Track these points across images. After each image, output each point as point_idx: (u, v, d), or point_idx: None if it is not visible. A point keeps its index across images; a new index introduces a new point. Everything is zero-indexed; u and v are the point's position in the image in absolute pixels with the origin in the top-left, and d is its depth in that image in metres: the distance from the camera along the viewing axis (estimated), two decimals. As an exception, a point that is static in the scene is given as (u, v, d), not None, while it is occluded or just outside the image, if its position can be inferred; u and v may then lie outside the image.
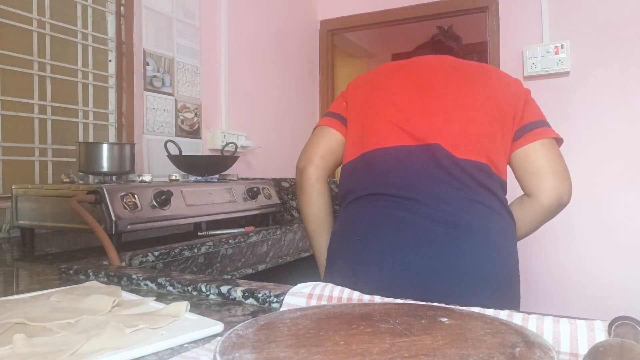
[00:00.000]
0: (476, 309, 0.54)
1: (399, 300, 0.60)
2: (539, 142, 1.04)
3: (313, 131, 1.20)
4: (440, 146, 0.99)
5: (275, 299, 0.66)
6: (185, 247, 1.21)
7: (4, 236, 1.39)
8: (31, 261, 1.08)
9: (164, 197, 1.24)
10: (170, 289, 0.75)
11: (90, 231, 1.06)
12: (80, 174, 1.39)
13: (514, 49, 2.44)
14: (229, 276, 1.34)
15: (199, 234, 1.44)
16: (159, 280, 0.76)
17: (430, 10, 2.68)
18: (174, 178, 1.57)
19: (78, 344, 0.45)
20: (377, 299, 0.61)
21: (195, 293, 0.73)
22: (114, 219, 1.12)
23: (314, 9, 3.01)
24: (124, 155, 1.36)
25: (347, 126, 1.14)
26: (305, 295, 0.62)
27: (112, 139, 1.78)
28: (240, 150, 2.22)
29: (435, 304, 0.58)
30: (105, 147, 1.34)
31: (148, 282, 0.77)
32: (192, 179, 1.62)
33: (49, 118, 1.58)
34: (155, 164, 1.87)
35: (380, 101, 1.09)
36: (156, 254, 1.12)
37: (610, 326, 0.47)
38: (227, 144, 2.04)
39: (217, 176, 1.71)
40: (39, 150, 1.55)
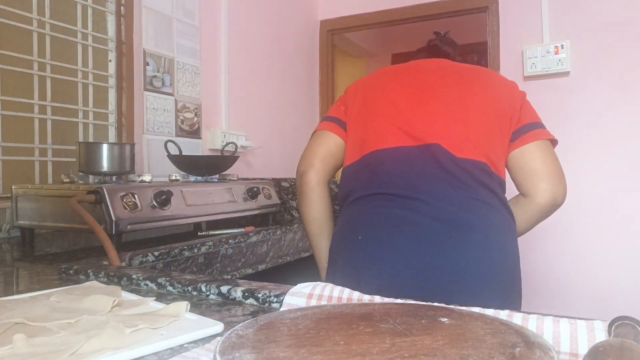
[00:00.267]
0: (476, 309, 0.54)
1: (399, 300, 0.60)
2: (535, 144, 1.05)
3: (312, 135, 1.21)
4: (440, 146, 1.00)
5: (275, 299, 0.66)
6: (185, 247, 1.21)
7: (4, 236, 1.39)
8: (31, 261, 1.08)
9: (164, 197, 1.24)
10: (170, 289, 0.75)
11: (90, 231, 1.06)
12: (80, 174, 1.39)
13: (514, 49, 2.44)
14: (229, 276, 1.34)
15: (199, 234, 1.44)
16: (159, 280, 0.76)
17: (430, 10, 2.68)
18: (174, 178, 1.57)
19: (78, 344, 0.45)
20: (377, 299, 0.61)
21: (195, 293, 0.73)
22: (114, 219, 1.12)
23: (314, 9, 3.01)
24: (124, 155, 1.36)
25: (347, 129, 1.15)
26: (305, 295, 0.62)
27: (112, 139, 1.78)
28: (240, 150, 2.21)
29: (435, 304, 0.58)
30: (105, 147, 1.34)
31: (148, 282, 0.77)
32: (192, 179, 1.62)
33: (49, 118, 1.58)
34: (155, 164, 1.87)
35: (380, 103, 1.09)
36: (156, 254, 1.12)
37: (610, 326, 0.47)
38: (227, 144, 2.04)
39: (217, 176, 1.71)
40: (39, 150, 1.55)
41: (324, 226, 1.18)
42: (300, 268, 1.70)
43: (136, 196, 1.20)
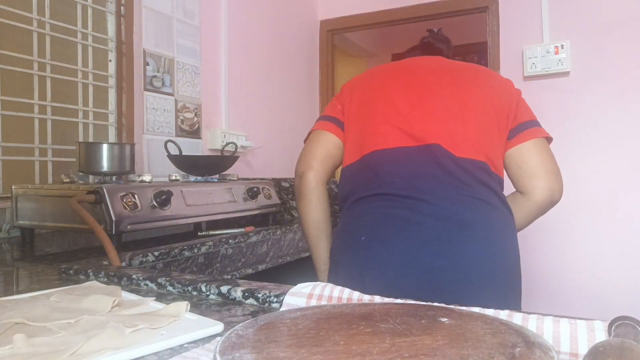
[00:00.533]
0: (476, 309, 0.54)
1: (399, 300, 0.60)
2: (532, 142, 1.07)
3: (309, 135, 1.20)
4: (439, 146, 1.00)
5: (275, 299, 0.66)
6: (185, 247, 1.21)
7: (4, 236, 1.39)
8: (31, 261, 1.08)
9: (164, 197, 1.24)
10: (170, 289, 0.75)
11: (90, 231, 1.06)
12: (80, 174, 1.39)
13: (514, 49, 2.44)
14: (229, 276, 1.34)
15: (199, 234, 1.44)
16: (159, 280, 0.76)
17: (430, 10, 2.68)
18: (174, 178, 1.57)
19: (78, 344, 0.45)
20: (377, 299, 0.61)
21: (195, 293, 0.73)
22: (114, 219, 1.12)
23: (314, 9, 3.01)
24: (124, 155, 1.36)
25: (345, 129, 1.15)
26: (305, 295, 0.62)
27: (112, 139, 1.78)
28: (240, 150, 2.21)
29: (435, 304, 0.58)
30: (105, 147, 1.34)
31: (148, 282, 0.77)
32: (192, 179, 1.62)
33: (49, 118, 1.58)
34: (155, 164, 1.87)
35: (378, 102, 1.09)
36: (156, 254, 1.12)
37: (610, 326, 0.47)
38: (227, 144, 2.04)
39: (217, 176, 1.71)
40: (39, 150, 1.55)
41: (323, 228, 1.18)
42: (300, 268, 1.70)
43: (136, 196, 1.20)
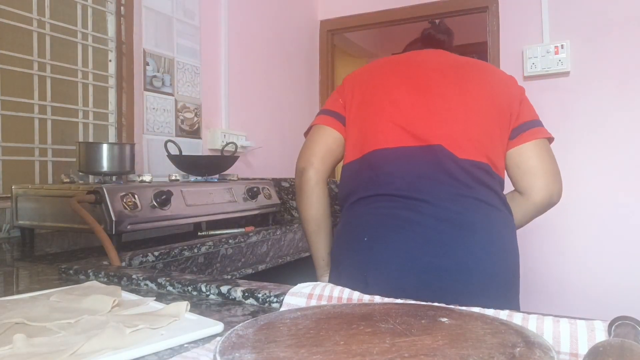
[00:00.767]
0: (476, 309, 0.54)
1: (399, 300, 0.60)
2: (533, 143, 1.07)
3: (309, 130, 1.19)
4: (442, 147, 1.00)
5: (275, 299, 0.66)
6: (185, 247, 1.21)
7: (4, 236, 1.39)
8: (31, 261, 1.08)
9: (164, 197, 1.24)
10: (170, 289, 0.75)
11: (90, 231, 1.06)
12: (80, 174, 1.39)
13: (514, 49, 2.44)
14: (229, 276, 1.34)
15: (199, 234, 1.44)
16: (159, 280, 0.76)
17: (430, 10, 2.68)
18: (174, 178, 1.57)
19: (78, 344, 0.45)
20: (377, 299, 0.61)
21: (195, 293, 0.73)
22: (114, 219, 1.12)
23: (314, 9, 3.00)
24: (124, 155, 1.36)
25: (347, 125, 1.14)
26: (305, 295, 0.62)
27: (112, 139, 1.78)
28: (240, 150, 2.21)
29: (435, 304, 0.58)
30: (105, 147, 1.34)
31: (148, 282, 0.77)
32: (192, 179, 1.62)
33: (49, 118, 1.58)
34: (155, 164, 1.87)
35: (379, 100, 1.09)
36: (156, 254, 1.12)
37: (610, 326, 0.47)
38: (227, 144, 2.04)
39: (217, 176, 1.71)
40: (39, 150, 1.55)
41: (322, 225, 1.18)
42: (300, 268, 1.70)
43: (136, 196, 1.20)
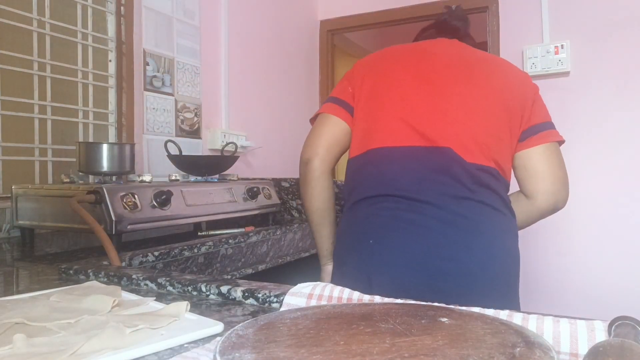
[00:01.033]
0: (476, 309, 0.54)
1: (399, 300, 0.60)
2: (543, 146, 1.05)
3: (316, 118, 1.15)
4: (451, 150, 0.98)
5: (275, 299, 0.66)
6: (185, 247, 1.21)
7: (4, 236, 1.39)
8: (31, 261, 1.08)
9: (164, 197, 1.24)
10: (170, 289, 0.75)
11: (90, 231, 1.06)
12: (80, 174, 1.39)
13: (514, 49, 2.44)
14: (229, 276, 1.34)
15: (199, 234, 1.44)
16: (159, 280, 0.76)
17: (430, 10, 2.68)
18: (174, 178, 1.57)
19: (78, 344, 0.45)
20: (377, 299, 0.61)
21: (195, 293, 0.73)
22: (114, 219, 1.12)
23: (314, 9, 3.00)
24: (124, 155, 1.36)
25: (354, 116, 1.09)
26: (305, 295, 0.62)
27: (112, 139, 1.78)
28: (240, 150, 2.21)
29: (435, 304, 0.58)
30: (105, 147, 1.34)
31: (148, 282, 0.77)
32: (192, 179, 1.62)
33: (49, 118, 1.58)
34: (155, 164, 1.87)
35: (388, 93, 1.05)
36: (156, 254, 1.12)
37: (610, 326, 0.47)
38: (227, 144, 2.04)
39: (217, 176, 1.71)
40: (39, 150, 1.55)
41: (326, 215, 1.16)
42: (300, 268, 1.70)
43: (136, 196, 1.20)
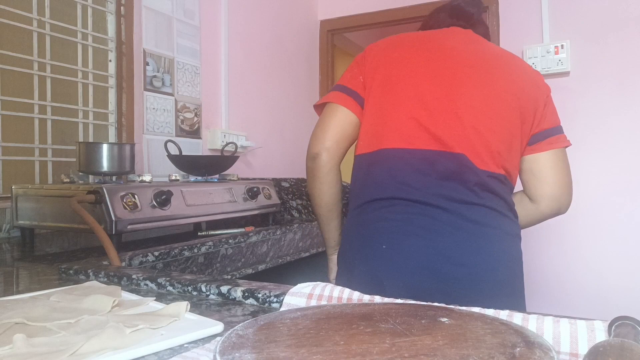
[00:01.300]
0: (476, 309, 0.54)
1: (399, 300, 0.60)
2: (551, 152, 1.06)
3: (323, 105, 1.10)
4: (465, 156, 0.97)
5: (275, 299, 0.66)
6: (185, 247, 1.21)
7: (4, 236, 1.39)
8: (31, 261, 1.08)
9: (164, 197, 1.24)
10: (170, 289, 0.75)
11: (90, 231, 1.06)
12: (80, 174, 1.39)
13: (514, 49, 2.42)
14: (229, 276, 1.34)
15: (199, 234, 1.44)
16: (159, 280, 0.76)
17: (430, 10, 2.67)
18: (174, 178, 1.57)
19: (78, 344, 0.45)
20: (377, 299, 0.61)
21: (195, 293, 0.73)
22: (114, 219, 1.12)
23: (314, 9, 3.00)
24: (124, 155, 1.36)
25: (365, 108, 1.05)
26: (305, 295, 0.62)
27: (112, 139, 1.78)
28: (240, 150, 2.22)
29: (435, 304, 0.58)
30: (105, 147, 1.34)
31: (148, 282, 0.77)
32: (192, 179, 1.62)
33: (49, 118, 1.58)
34: (155, 164, 1.87)
35: (402, 89, 1.02)
36: (156, 254, 1.12)
37: (610, 326, 0.47)
38: (227, 144, 2.04)
39: (217, 176, 1.71)
40: (39, 150, 1.55)
41: (335, 209, 1.14)
42: (301, 268, 1.70)
43: (136, 196, 1.20)
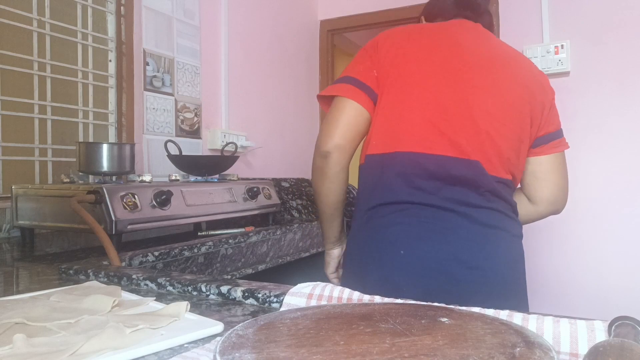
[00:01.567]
0: (476, 309, 0.54)
1: (399, 300, 0.60)
2: (553, 156, 1.09)
3: (333, 97, 1.04)
4: (479, 163, 0.97)
5: (275, 299, 0.66)
6: (185, 247, 1.21)
7: (4, 236, 1.39)
8: (31, 261, 1.08)
9: (164, 197, 1.24)
10: (170, 289, 0.75)
11: (90, 231, 1.06)
12: (80, 174, 1.39)
13: (514, 49, 2.44)
14: (229, 276, 1.34)
15: (199, 234, 1.44)
16: (159, 280, 0.76)
17: (430, 10, 2.68)
18: (174, 178, 1.57)
19: (78, 344, 0.45)
20: (377, 299, 0.61)
21: (195, 293, 0.73)
22: (114, 219, 1.12)
23: (314, 9, 3.00)
24: (124, 155, 1.36)
25: (377, 106, 1.01)
26: (305, 295, 0.62)
27: (112, 139, 1.78)
28: (240, 150, 2.22)
29: (435, 304, 0.58)
30: (105, 147, 1.34)
31: (148, 282, 0.77)
32: (192, 179, 1.62)
33: (49, 118, 1.58)
34: (155, 164, 1.87)
35: (417, 89, 0.99)
36: (156, 254, 1.12)
37: (610, 326, 0.47)
38: (227, 144, 2.04)
39: (217, 176, 1.71)
40: (39, 150, 1.55)
41: (340, 207, 1.13)
42: (300, 268, 1.70)
43: (136, 196, 1.20)
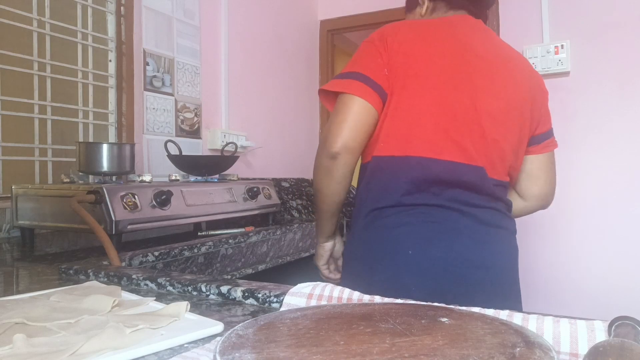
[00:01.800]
0: (476, 309, 0.54)
1: (399, 300, 0.60)
2: (546, 155, 1.13)
3: (339, 94, 1.00)
4: (484, 169, 1.00)
5: (275, 299, 0.66)
6: (185, 247, 1.21)
7: (4, 236, 1.39)
8: (31, 261, 1.08)
9: (164, 197, 1.24)
10: (170, 289, 0.75)
11: (90, 231, 1.06)
12: (80, 174, 1.39)
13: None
14: (229, 276, 1.34)
15: (199, 234, 1.44)
16: (159, 280, 0.76)
17: (430, 10, 2.68)
18: (174, 178, 1.57)
19: (78, 344, 0.45)
20: (377, 299, 0.61)
21: (195, 293, 0.73)
22: (114, 219, 1.12)
23: (314, 9, 3.00)
24: (124, 155, 1.36)
25: (387, 106, 0.99)
26: (305, 295, 0.62)
27: (112, 139, 1.78)
28: (240, 150, 2.21)
29: (435, 304, 0.58)
30: (105, 147, 1.34)
31: (148, 282, 0.77)
32: (192, 179, 1.62)
33: (49, 118, 1.58)
34: (155, 164, 1.87)
35: (429, 95, 0.98)
36: (156, 254, 1.12)
37: (610, 326, 0.47)
38: (227, 144, 2.04)
39: (217, 176, 1.71)
40: (39, 150, 1.55)
41: (341, 206, 1.12)
42: (300, 268, 1.70)
43: (136, 196, 1.20)
